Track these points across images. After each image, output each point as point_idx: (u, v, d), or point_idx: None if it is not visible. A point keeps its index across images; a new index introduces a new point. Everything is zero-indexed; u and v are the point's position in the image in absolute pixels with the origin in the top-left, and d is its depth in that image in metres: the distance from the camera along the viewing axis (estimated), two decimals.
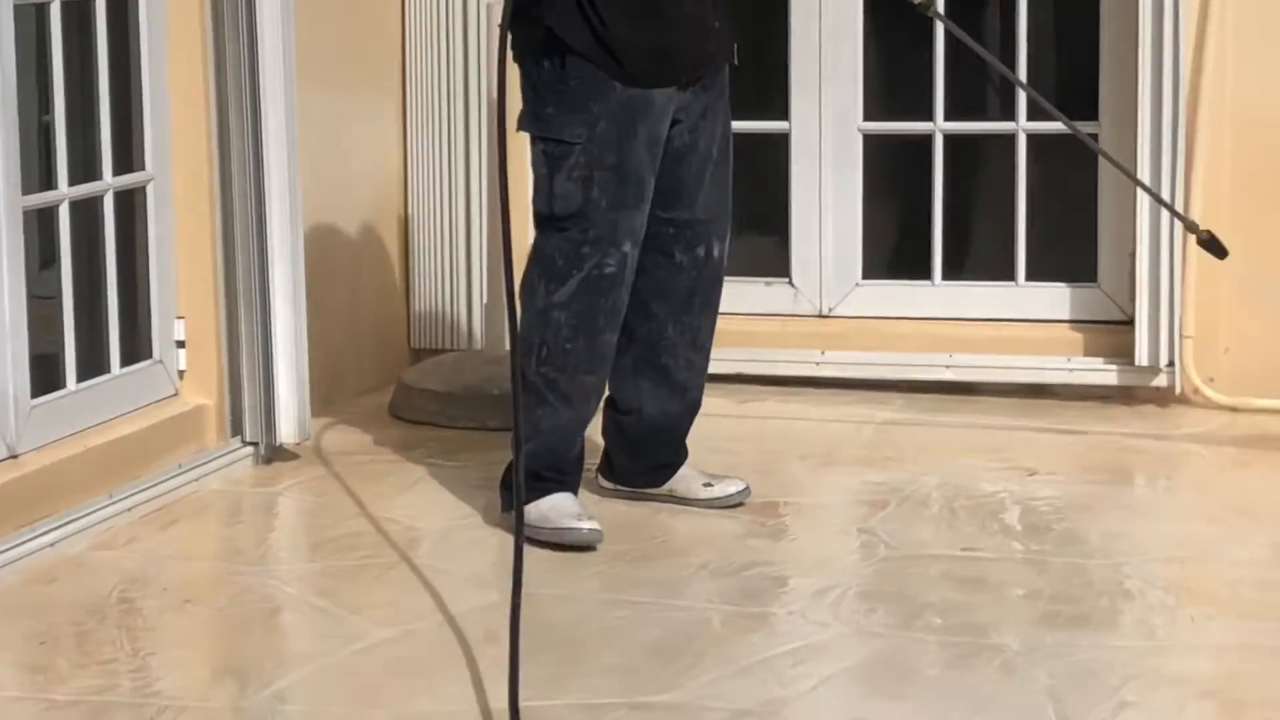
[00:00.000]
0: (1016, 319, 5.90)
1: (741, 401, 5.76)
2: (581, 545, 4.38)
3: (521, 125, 4.45)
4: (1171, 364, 5.61)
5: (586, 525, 4.40)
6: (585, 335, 4.44)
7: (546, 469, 4.45)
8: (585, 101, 4.37)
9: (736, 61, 4.60)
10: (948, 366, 5.82)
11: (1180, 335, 5.59)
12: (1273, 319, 5.59)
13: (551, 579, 4.15)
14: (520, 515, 3.80)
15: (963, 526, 4.57)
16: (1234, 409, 5.59)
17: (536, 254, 4.48)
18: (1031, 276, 5.93)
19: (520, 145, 5.30)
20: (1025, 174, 5.90)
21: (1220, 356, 5.65)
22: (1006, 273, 5.95)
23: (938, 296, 5.98)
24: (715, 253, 4.61)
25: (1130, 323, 5.67)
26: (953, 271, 6.03)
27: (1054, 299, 5.88)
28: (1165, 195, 5.50)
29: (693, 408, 4.70)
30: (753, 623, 3.93)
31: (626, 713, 3.43)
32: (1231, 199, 5.58)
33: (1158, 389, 5.66)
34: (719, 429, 5.32)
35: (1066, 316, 5.86)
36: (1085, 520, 4.62)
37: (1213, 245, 4.68)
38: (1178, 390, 5.64)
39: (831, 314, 6.02)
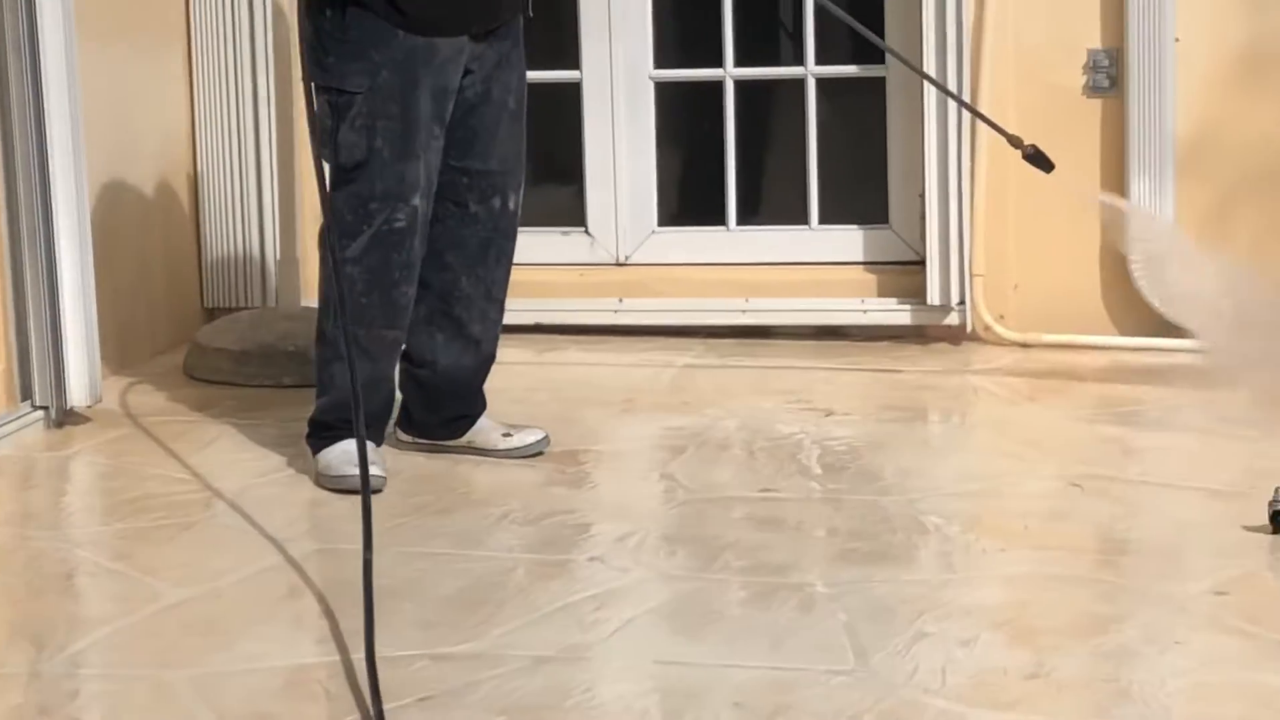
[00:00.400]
0: (811, 262, 5.95)
1: (541, 351, 5.77)
2: (355, 490, 4.35)
3: (306, 73, 4.42)
4: (963, 302, 5.69)
5: (372, 471, 4.38)
6: (380, 289, 4.43)
7: (339, 420, 4.44)
8: (366, 50, 4.34)
9: (531, 13, 4.58)
10: (744, 311, 5.86)
11: (970, 274, 5.67)
12: (1059, 256, 5.69)
13: (351, 533, 4.11)
14: (366, 475, 3.79)
15: (761, 468, 4.61)
16: (1024, 345, 5.69)
17: (331, 209, 4.45)
18: (825, 220, 5.99)
19: None
20: (815, 118, 5.95)
21: (1009, 294, 5.75)
22: (800, 217, 6.00)
23: (733, 241, 6.03)
24: (510, 204, 4.60)
25: (922, 263, 5.74)
26: (747, 216, 6.07)
27: (847, 241, 5.94)
28: (952, 135, 5.58)
29: (487, 360, 4.70)
30: (554, 570, 3.93)
31: (427, 664, 3.42)
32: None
33: (950, 327, 5.75)
34: (518, 379, 5.33)
35: (860, 258, 5.93)
36: (881, 458, 4.67)
37: (1038, 159, 4.69)
38: (969, 328, 5.73)
39: (628, 262, 6.04)
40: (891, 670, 3.33)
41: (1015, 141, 4.67)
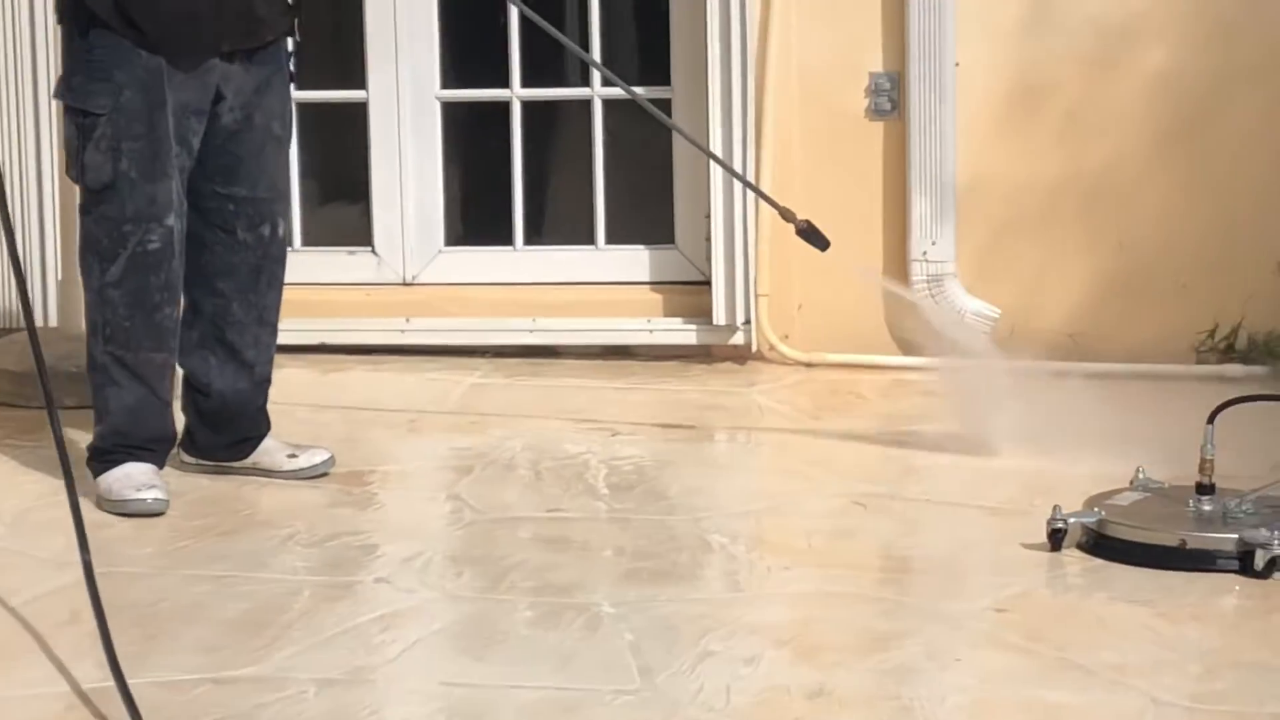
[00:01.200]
0: (598, 282, 5.97)
1: (326, 371, 5.73)
2: (143, 514, 4.35)
3: (56, 92, 4.40)
4: (748, 322, 5.73)
5: (150, 495, 4.37)
6: (142, 312, 4.41)
7: (117, 446, 4.42)
8: (110, 70, 4.31)
9: (299, 36, 4.55)
10: (531, 330, 5.86)
11: (755, 294, 5.72)
12: (842, 275, 5.73)
13: (133, 555, 4.09)
14: (69, 475, 3.72)
15: (548, 488, 4.61)
16: (808, 364, 5.75)
17: (84, 232, 4.44)
18: (611, 240, 6.01)
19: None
20: (602, 138, 5.97)
21: (794, 314, 5.80)
22: (587, 236, 6.02)
23: (520, 261, 6.03)
24: (279, 230, 4.60)
25: (707, 283, 5.78)
26: (534, 236, 6.08)
27: (633, 261, 5.97)
28: (737, 161, 5.63)
29: (263, 383, 4.67)
30: (339, 592, 3.91)
31: (210, 688, 3.38)
32: (800, 161, 5.74)
33: (735, 347, 5.79)
34: (304, 399, 5.30)
35: (646, 278, 5.95)
36: (667, 477, 4.70)
37: (812, 235, 4.73)
38: (754, 348, 5.77)
39: (415, 281, 6.02)
40: (676, 689, 3.35)
41: (788, 216, 4.71)
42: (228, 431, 4.66)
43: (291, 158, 5.14)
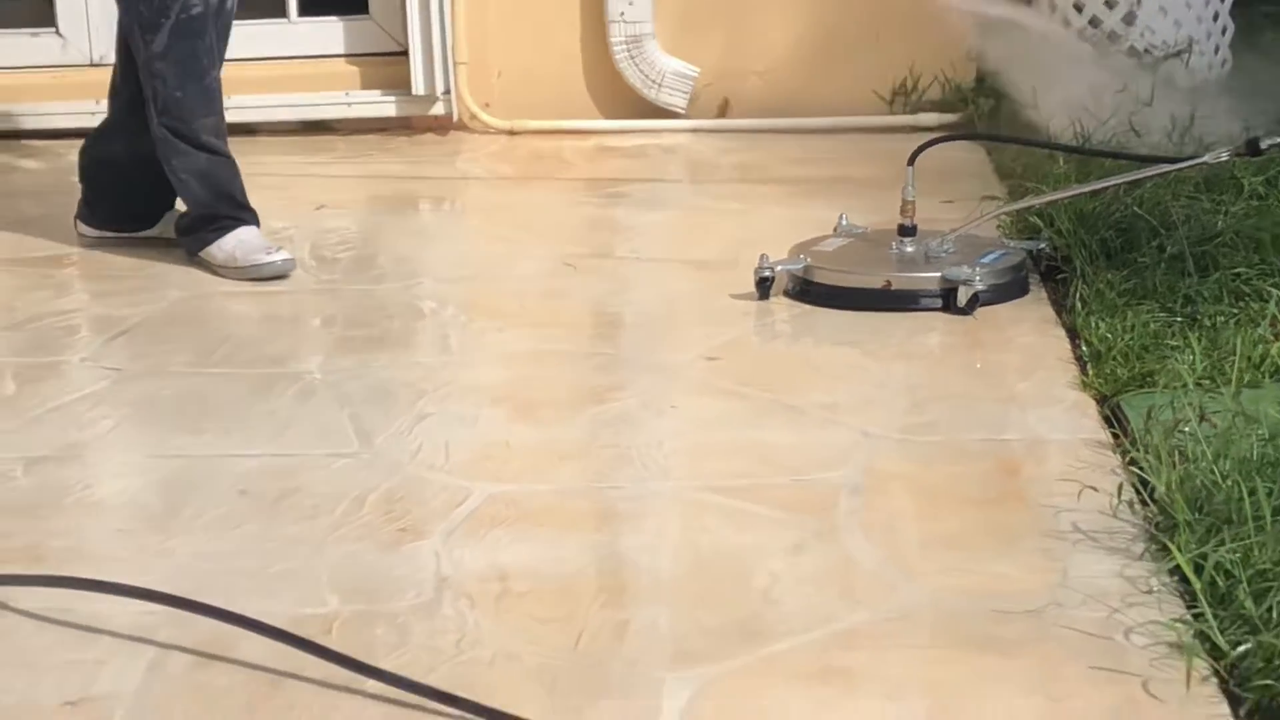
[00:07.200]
0: (291, 56, 5.86)
1: (19, 156, 5.58)
2: (275, 276, 4.38)
3: None
4: (448, 91, 5.68)
5: (280, 257, 4.40)
6: (191, 80, 4.37)
7: (212, 209, 4.43)
8: None
9: None
10: (227, 108, 5.72)
11: (454, 62, 5.66)
12: (541, 41, 5.72)
13: None
14: None
15: None
16: (510, 132, 5.72)
17: (125, 6, 4.39)
18: (304, 12, 5.90)
19: None
20: None
21: (493, 81, 5.75)
22: (278, 9, 5.90)
23: None
24: None
25: (405, 53, 5.70)
26: None
27: (327, 34, 5.87)
28: None
29: None
30: (44, 372, 3.82)
31: None
32: None
33: (436, 117, 5.74)
34: None
35: (341, 51, 5.86)
36: (375, 248, 4.67)
37: None
38: (455, 117, 5.73)
39: (103, 62, 5.84)
40: (395, 450, 3.33)
41: None
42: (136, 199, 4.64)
43: None
